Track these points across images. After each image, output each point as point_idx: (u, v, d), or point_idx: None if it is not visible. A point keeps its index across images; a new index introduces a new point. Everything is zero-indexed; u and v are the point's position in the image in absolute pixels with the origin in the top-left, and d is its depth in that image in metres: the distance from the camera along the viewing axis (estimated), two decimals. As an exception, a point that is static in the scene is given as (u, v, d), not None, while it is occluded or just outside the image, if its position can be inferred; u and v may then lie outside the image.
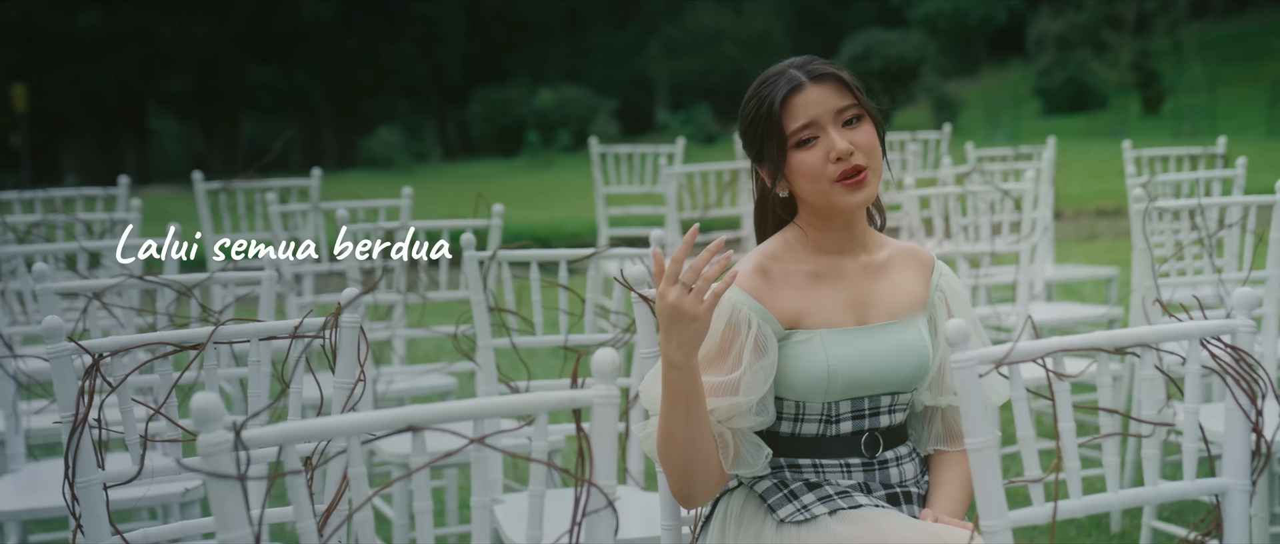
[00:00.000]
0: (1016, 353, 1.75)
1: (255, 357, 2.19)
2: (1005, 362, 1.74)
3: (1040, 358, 1.77)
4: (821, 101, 2.23)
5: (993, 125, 29.75)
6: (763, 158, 2.28)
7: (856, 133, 2.25)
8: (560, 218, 14.89)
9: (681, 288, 2.06)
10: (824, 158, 2.23)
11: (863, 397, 2.29)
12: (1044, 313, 5.26)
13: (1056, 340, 1.77)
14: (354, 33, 36.62)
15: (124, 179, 5.33)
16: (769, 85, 2.26)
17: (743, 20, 39.25)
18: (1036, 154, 6.71)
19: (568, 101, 32.48)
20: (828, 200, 2.26)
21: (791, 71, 2.26)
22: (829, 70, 2.25)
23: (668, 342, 2.09)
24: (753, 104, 2.27)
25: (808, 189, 2.26)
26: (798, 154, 2.24)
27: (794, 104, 2.23)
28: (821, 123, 2.23)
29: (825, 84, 2.24)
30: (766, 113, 2.23)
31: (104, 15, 34.19)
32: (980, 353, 1.72)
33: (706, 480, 2.20)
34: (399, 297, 3.98)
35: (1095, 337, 1.78)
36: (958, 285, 2.40)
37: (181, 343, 2.12)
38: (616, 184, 6.96)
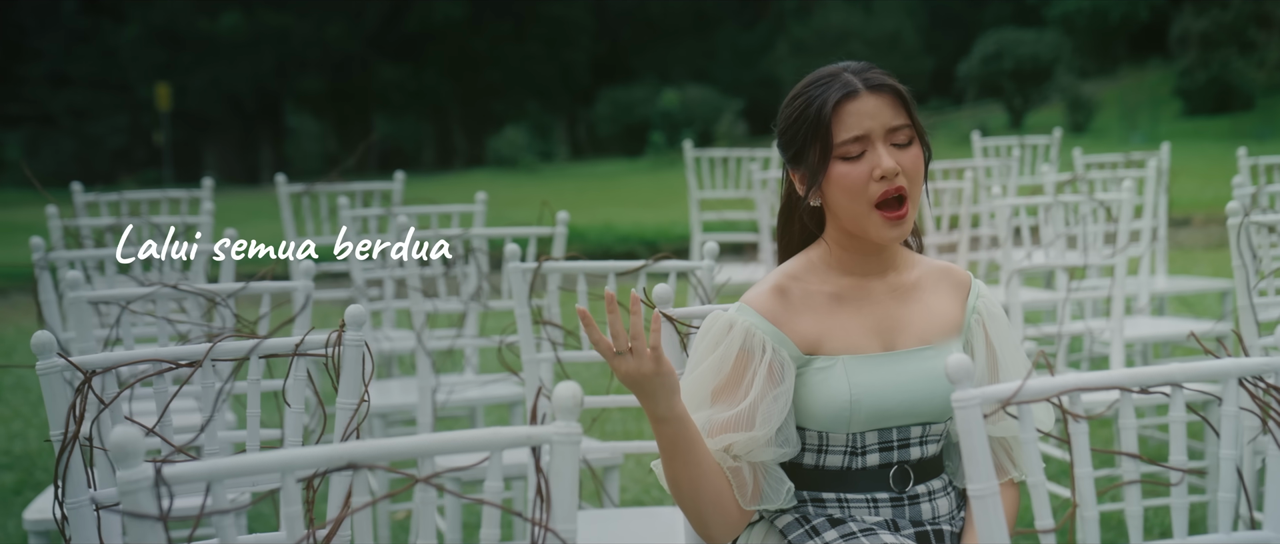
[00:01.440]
0: (1026, 392, 1.60)
1: (254, 375, 2.13)
2: (1013, 401, 1.59)
3: (1054, 397, 1.61)
4: (876, 114, 2.09)
5: (1130, 127, 28.91)
6: (801, 161, 2.15)
7: (904, 155, 2.11)
8: (674, 219, 14.78)
9: (626, 356, 1.99)
10: (867, 175, 2.09)
11: (890, 427, 2.14)
12: (1144, 328, 5.02)
13: (1072, 378, 1.61)
14: (483, 33, 36.99)
15: (207, 181, 5.36)
16: (821, 86, 2.11)
17: (872, 20, 38.77)
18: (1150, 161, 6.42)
19: (693, 101, 32.38)
20: (861, 225, 2.13)
21: (847, 76, 2.12)
22: (888, 82, 2.11)
23: (645, 403, 2.03)
24: (800, 102, 2.13)
25: (843, 206, 2.13)
26: (841, 166, 2.10)
27: (846, 111, 2.09)
28: (872, 137, 2.09)
29: (882, 96, 2.10)
30: (815, 114, 2.09)
31: (243, 17, 35.01)
32: (984, 392, 1.58)
33: (723, 520, 2.10)
34: (460, 304, 3.91)
35: (1117, 374, 1.62)
36: (996, 307, 2.25)
37: (176, 360, 2.06)
38: (711, 189, 6.84)
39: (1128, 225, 4.37)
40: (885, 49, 37.18)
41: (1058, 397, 1.60)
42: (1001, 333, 2.25)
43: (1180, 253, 10.68)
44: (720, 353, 2.13)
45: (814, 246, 2.24)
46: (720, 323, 2.15)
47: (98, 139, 36.25)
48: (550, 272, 3.10)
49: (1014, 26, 34.85)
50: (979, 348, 2.23)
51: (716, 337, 2.14)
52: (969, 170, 5.63)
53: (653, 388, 2.01)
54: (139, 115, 35.86)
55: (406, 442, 1.46)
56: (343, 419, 2.13)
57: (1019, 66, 31.45)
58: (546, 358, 3.08)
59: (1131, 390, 1.63)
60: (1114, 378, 1.61)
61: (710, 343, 2.14)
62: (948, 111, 34.46)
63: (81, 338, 2.68)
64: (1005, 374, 2.21)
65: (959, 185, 5.35)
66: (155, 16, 34.50)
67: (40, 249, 3.38)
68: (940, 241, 5.52)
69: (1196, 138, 24.50)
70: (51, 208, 4.24)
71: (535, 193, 20.17)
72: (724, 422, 2.10)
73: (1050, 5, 37.24)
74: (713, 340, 2.14)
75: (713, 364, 2.13)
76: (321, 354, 2.13)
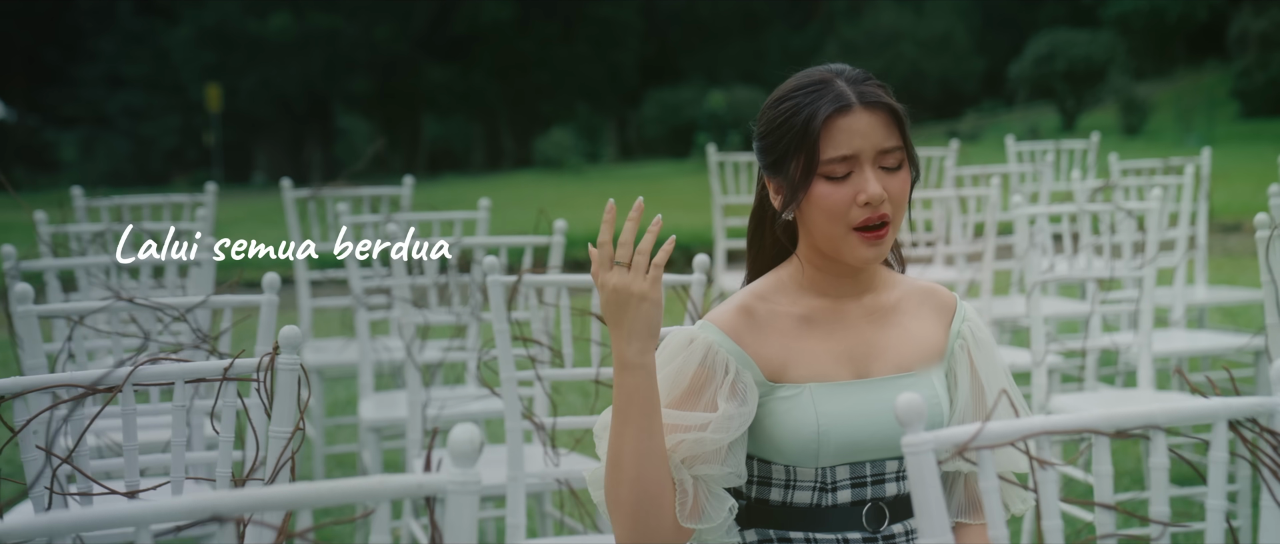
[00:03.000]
0: (985, 436, 1.43)
1: (180, 401, 1.99)
2: (970, 447, 1.42)
3: (1019, 442, 1.44)
4: (868, 134, 1.91)
5: (1185, 129, 28.40)
6: (779, 171, 1.97)
7: (892, 179, 1.93)
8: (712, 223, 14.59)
9: (620, 269, 1.81)
10: (851, 199, 1.92)
11: (863, 461, 1.98)
12: (1177, 341, 4.80)
13: (1038, 421, 1.44)
14: (531, 34, 36.98)
15: (211, 185, 5.26)
16: (812, 94, 1.93)
17: (923, 21, 38.41)
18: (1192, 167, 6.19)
19: (740, 103, 32.16)
20: (836, 247, 1.96)
21: (841, 85, 1.93)
22: (885, 100, 1.92)
23: (617, 335, 1.85)
24: (787, 108, 1.94)
25: (820, 227, 1.96)
26: (824, 185, 1.93)
27: (836, 126, 1.91)
28: (860, 159, 1.91)
29: (876, 114, 1.92)
30: (802, 125, 1.92)
31: (292, 18, 35.18)
32: (937, 436, 1.41)
33: (658, 525, 1.89)
34: (451, 315, 3.77)
35: (1089, 417, 1.45)
36: (984, 332, 2.07)
37: (94, 385, 1.93)
38: (735, 194, 6.67)
39: (1157, 235, 4.17)
40: (936, 50, 36.80)
41: (1022, 441, 1.43)
42: (988, 361, 2.07)
43: (1228, 260, 10.37)
44: (677, 365, 1.97)
45: (785, 265, 2.07)
46: (680, 336, 1.99)
47: (151, 140, 36.55)
48: (531, 285, 2.95)
49: (1068, 27, 34.38)
50: (962, 376, 2.06)
51: (674, 349, 1.99)
52: (996, 176, 5.43)
53: (634, 315, 1.84)
54: (191, 116, 36.14)
55: (276, 492, 1.31)
56: (274, 451, 1.99)
57: (1072, 68, 30.99)
58: (527, 375, 2.94)
59: (1106, 434, 1.45)
60: (1085, 421, 1.44)
61: (666, 355, 1.99)
62: (999, 113, 34.04)
63: (30, 354, 2.56)
64: (991, 406, 2.04)
65: (986, 192, 5.16)
66: (206, 18, 34.75)
67: (11, 257, 3.27)
68: (967, 250, 5.32)
69: (1254, 140, 24.01)
70: (40, 214, 4.14)
71: (580, 194, 20.06)
72: (673, 423, 1.94)
73: (1106, 5, 36.72)
74: (669, 353, 1.99)
75: (668, 376, 1.97)
76: (252, 378, 1.99)
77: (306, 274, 5.13)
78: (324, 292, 5.75)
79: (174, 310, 2.65)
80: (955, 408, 2.05)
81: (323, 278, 5.17)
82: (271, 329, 2.68)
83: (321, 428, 4.97)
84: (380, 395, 4.35)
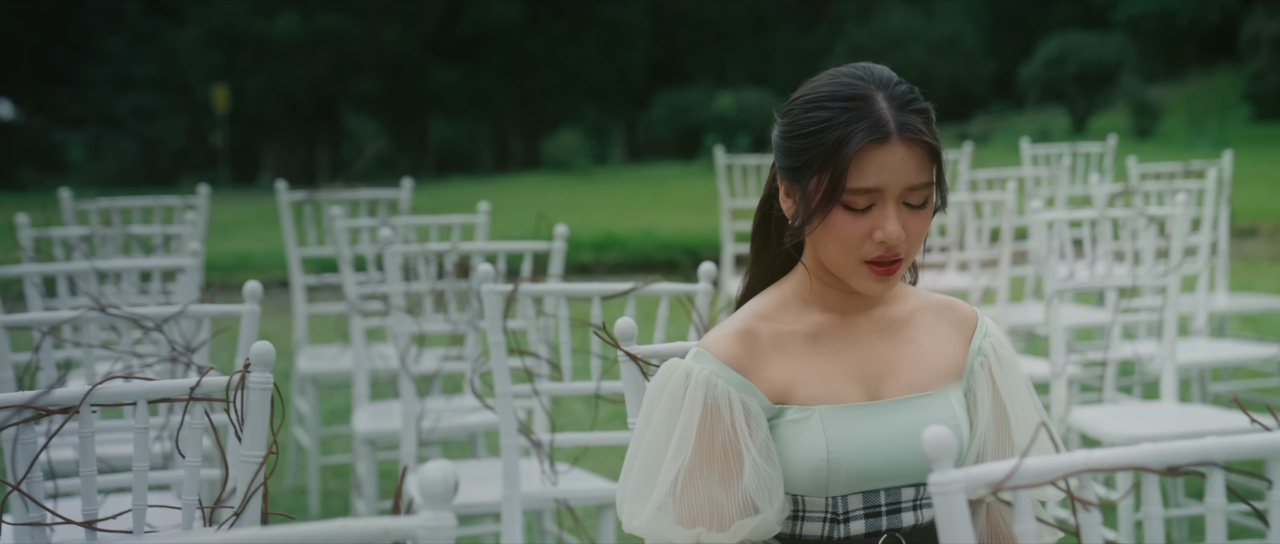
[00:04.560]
0: (1022, 473, 1.27)
1: (141, 422, 1.84)
2: (1005, 486, 1.27)
3: (1060, 480, 1.29)
4: (900, 170, 1.75)
5: (1197, 131, 28.21)
6: (797, 180, 1.81)
7: (914, 218, 1.77)
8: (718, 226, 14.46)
9: None
10: (866, 233, 1.76)
11: (877, 489, 1.82)
12: (1200, 351, 4.64)
13: (1081, 457, 1.29)
14: (539, 35, 36.88)
15: (204, 188, 5.11)
16: (849, 112, 1.75)
17: (933, 22, 38.25)
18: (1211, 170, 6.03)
19: (749, 105, 32.03)
20: (843, 273, 1.81)
21: (882, 108, 1.75)
22: (924, 138, 1.76)
23: None
24: (820, 119, 1.77)
25: (830, 252, 1.80)
26: (841, 214, 1.77)
27: (868, 156, 1.74)
28: (885, 194, 1.76)
29: (913, 148, 1.76)
30: (832, 147, 1.75)
31: (299, 19, 35.10)
32: (968, 474, 1.26)
33: None
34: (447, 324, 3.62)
35: (1139, 451, 1.30)
36: (1007, 349, 1.92)
37: (48, 406, 1.78)
38: (743, 197, 6.51)
39: (1182, 242, 4.01)
40: (946, 52, 36.59)
41: (1063, 479, 1.28)
42: (1012, 381, 1.92)
43: (1245, 266, 10.19)
44: (683, 419, 1.80)
45: (788, 279, 1.92)
46: (676, 377, 1.83)
47: (159, 141, 36.48)
48: (528, 295, 2.80)
49: (1078, 29, 34.19)
50: (983, 397, 1.91)
51: (673, 395, 1.82)
52: (1012, 180, 5.27)
53: None
54: (198, 117, 36.08)
55: (228, 537, 1.16)
56: (245, 476, 1.84)
57: (1082, 70, 30.78)
58: (522, 391, 2.79)
59: (1156, 471, 1.30)
60: (1133, 457, 1.29)
61: (667, 401, 1.83)
62: (1009, 116, 33.84)
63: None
64: (1018, 432, 1.89)
65: (1001, 196, 5.00)
66: (214, 18, 34.68)
67: (-15, 264, 3.13)
68: (982, 256, 5.17)
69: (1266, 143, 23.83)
70: (21, 216, 4.00)
71: (587, 196, 19.92)
72: (717, 508, 1.78)
73: (1116, 8, 36.52)
74: (669, 400, 1.82)
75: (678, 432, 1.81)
76: (221, 398, 1.84)
77: (302, 279, 4.99)
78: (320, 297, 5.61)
79: (150, 321, 2.51)
80: (975, 431, 1.90)
81: (318, 283, 5.03)
82: (252, 341, 2.53)
83: (316, 437, 4.82)
84: (375, 405, 4.21)
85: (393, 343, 4.58)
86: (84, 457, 1.80)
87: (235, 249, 11.87)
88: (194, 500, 1.83)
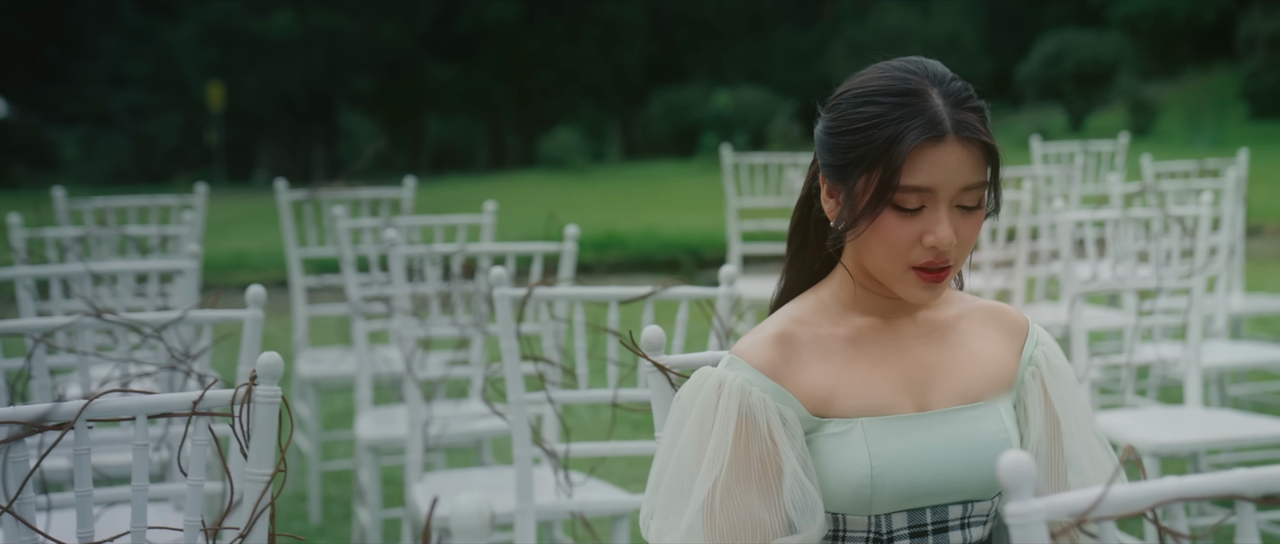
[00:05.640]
0: (1109, 503, 1.17)
1: (140, 438, 1.73)
2: (1090, 517, 1.16)
3: (1149, 510, 1.18)
4: (955, 170, 1.65)
5: (1194, 130, 28.15)
6: (842, 179, 1.69)
7: (966, 221, 1.66)
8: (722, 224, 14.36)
9: None
10: (916, 238, 1.65)
11: (923, 507, 1.71)
12: (1220, 354, 4.54)
13: (1170, 484, 1.18)
14: (536, 33, 36.81)
15: (201, 187, 5.00)
16: (903, 108, 1.65)
17: (930, 21, 38.21)
18: (1226, 169, 5.93)
19: (746, 103, 31.96)
20: (888, 280, 1.70)
21: (937, 105, 1.65)
22: (981, 137, 1.66)
23: None
24: (871, 115, 1.66)
25: (876, 257, 1.69)
26: (891, 215, 1.66)
27: (922, 155, 1.64)
28: (938, 194, 1.65)
29: (969, 148, 1.65)
30: (884, 144, 1.64)
31: (295, 16, 34.99)
32: (1049, 504, 1.15)
33: None
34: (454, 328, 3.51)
35: (1233, 478, 1.19)
36: (1060, 359, 1.81)
37: (42, 421, 1.67)
38: (750, 196, 6.41)
39: (1206, 242, 3.91)
40: (943, 50, 36.50)
41: (1153, 509, 1.17)
42: (1067, 393, 1.81)
43: (1253, 266, 10.10)
44: (717, 431, 1.69)
45: (826, 283, 1.81)
46: (708, 386, 1.72)
47: (153, 139, 36.34)
48: (542, 298, 2.69)
49: (1075, 28, 34.14)
50: (1035, 410, 1.80)
51: (705, 406, 1.70)
52: (1027, 179, 5.17)
53: None
54: (193, 115, 35.96)
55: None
56: (252, 495, 1.73)
57: (1080, 69, 30.71)
58: (535, 399, 2.68)
59: (1251, 499, 1.19)
60: (1227, 484, 1.18)
61: (698, 416, 1.71)
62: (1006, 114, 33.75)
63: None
64: (1072, 447, 1.78)
65: (1017, 196, 4.90)
66: (209, 15, 34.56)
67: (-25, 266, 3.01)
68: (996, 257, 5.06)
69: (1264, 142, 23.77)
70: (14, 216, 3.88)
71: (586, 195, 19.82)
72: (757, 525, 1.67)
73: (1113, 7, 36.46)
74: (701, 412, 1.71)
75: (707, 445, 1.70)
76: (225, 413, 1.73)
77: (302, 280, 4.87)
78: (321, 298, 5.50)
79: (148, 327, 2.39)
80: (1026, 446, 1.80)
81: (319, 284, 4.91)
82: (256, 349, 2.42)
83: (317, 442, 4.71)
84: (378, 410, 4.10)
85: (397, 346, 4.47)
86: (79, 475, 1.69)
87: (231, 248, 11.75)
88: (196, 522, 1.72)
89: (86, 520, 1.69)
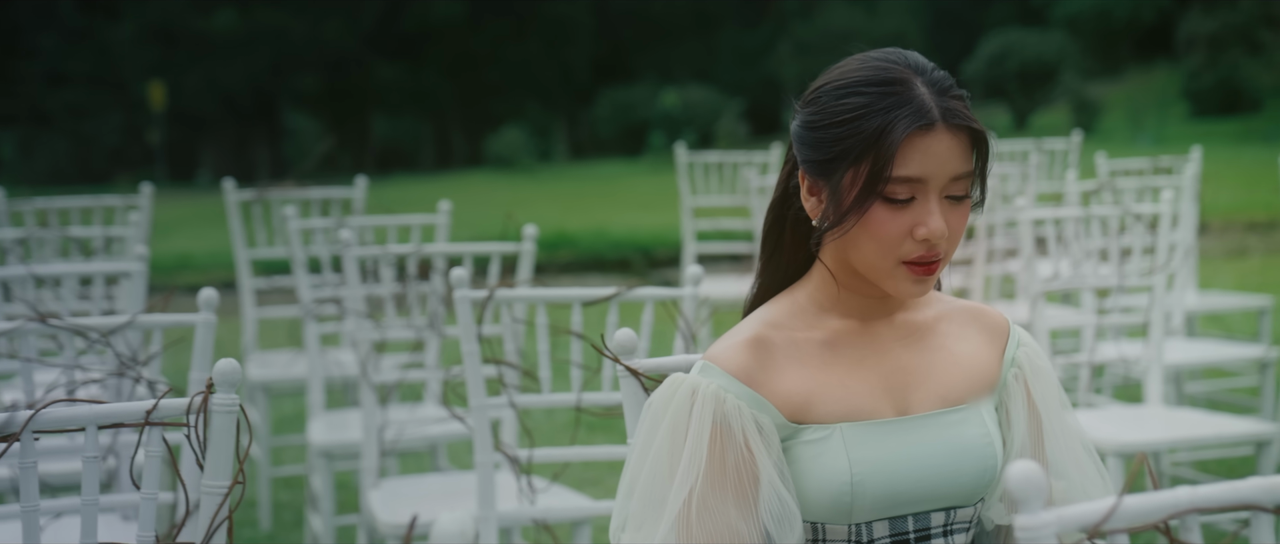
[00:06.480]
0: (1122, 514, 1.11)
1: (90, 450, 1.65)
2: (1102, 531, 1.11)
3: (1161, 522, 1.13)
4: (945, 158, 1.59)
5: (1136, 128, 28.47)
6: (826, 175, 1.62)
7: (955, 212, 1.61)
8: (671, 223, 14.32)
9: None
10: (907, 230, 1.59)
11: (905, 515, 1.66)
12: (1183, 352, 4.54)
13: (1184, 494, 1.13)
14: (482, 32, 36.67)
15: (146, 187, 4.88)
16: (888, 98, 1.59)
17: (876, 20, 38.43)
18: (1178, 166, 5.95)
19: (694, 102, 31.99)
20: (877, 277, 1.63)
21: (923, 93, 1.59)
22: (970, 124, 1.60)
23: None
24: (855, 106, 1.60)
25: (865, 253, 1.63)
26: (881, 209, 1.59)
27: (913, 145, 1.58)
28: (928, 185, 1.59)
29: (957, 136, 1.60)
30: (874, 135, 1.58)
31: (238, 15, 34.66)
32: (1059, 517, 1.10)
33: None
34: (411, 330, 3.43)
35: (1248, 488, 1.14)
36: (1042, 361, 1.76)
37: (-16, 433, 1.58)
38: (705, 195, 6.35)
39: (1167, 239, 3.90)
40: (888, 49, 36.68)
41: (1165, 521, 1.12)
42: (1050, 395, 1.77)
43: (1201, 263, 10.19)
44: (691, 440, 1.63)
45: (801, 285, 1.75)
46: (681, 393, 1.65)
47: (93, 138, 35.85)
48: (503, 300, 2.62)
49: (1019, 27, 34.44)
50: (1017, 413, 1.75)
51: (678, 414, 1.64)
52: (986, 177, 5.14)
53: None
54: (134, 114, 35.51)
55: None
56: (208, 508, 1.65)
57: (1024, 68, 30.97)
58: (498, 404, 2.61)
59: (1266, 509, 1.15)
60: (1243, 493, 1.13)
61: (671, 424, 1.65)
62: (952, 113, 33.92)
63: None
64: (1055, 451, 1.74)
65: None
66: (150, 14, 34.15)
67: (-89, 270, 2.90)
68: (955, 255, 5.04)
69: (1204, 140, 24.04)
70: (-48, 219, 3.76)
71: (532, 194, 19.74)
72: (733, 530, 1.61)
73: (1055, 6, 36.78)
74: (674, 420, 1.64)
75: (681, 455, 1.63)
76: (180, 423, 1.64)
77: (251, 282, 4.77)
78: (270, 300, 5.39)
79: (95, 332, 2.30)
80: (1010, 450, 1.75)
81: (268, 286, 4.81)
82: (208, 354, 2.33)
83: (268, 447, 4.61)
84: (331, 415, 4.01)
85: (351, 349, 4.38)
86: (25, 490, 1.60)
87: (175, 250, 11.57)
88: (150, 537, 1.64)
89: (32, 532, 1.61)
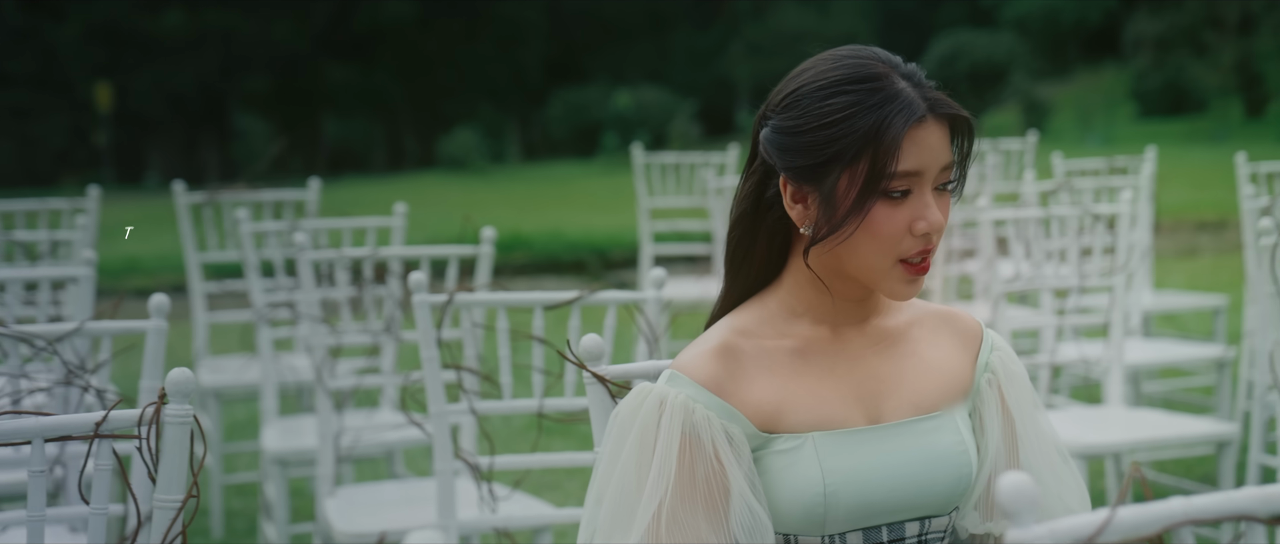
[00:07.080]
0: (1116, 527, 1.08)
1: (37, 464, 1.58)
2: (1099, 542, 1.07)
3: (1155, 534, 1.10)
4: (938, 150, 1.56)
5: (1085, 128, 28.73)
6: (815, 180, 1.57)
7: (943, 202, 1.58)
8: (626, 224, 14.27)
9: None
10: (906, 226, 1.55)
11: (879, 526, 1.62)
12: (1141, 352, 4.55)
13: (1178, 506, 1.10)
14: (433, 32, 36.50)
15: (94, 189, 4.79)
16: (878, 95, 1.54)
17: (828, 21, 38.61)
18: (1133, 166, 5.97)
19: (647, 103, 31.98)
20: (873, 279, 1.59)
21: (904, 86, 1.55)
22: (958, 111, 1.56)
23: None
24: (842, 106, 1.55)
25: (864, 254, 1.58)
26: (882, 207, 1.55)
27: (910, 138, 1.54)
28: (924, 178, 1.55)
29: (943, 125, 1.56)
30: (871, 132, 1.53)
31: (186, 15, 34.33)
32: (1052, 530, 1.06)
33: None
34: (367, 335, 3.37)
35: (1243, 499, 1.11)
36: (1016, 365, 1.73)
37: (-75, 448, 1.51)
38: (661, 196, 6.32)
39: (1127, 239, 3.90)
40: (840, 50, 36.83)
41: (1161, 534, 1.09)
42: (1025, 400, 1.74)
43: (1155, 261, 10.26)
44: (660, 452, 1.58)
45: (769, 292, 1.70)
46: (648, 404, 1.60)
47: (38, 140, 35.38)
48: (464, 305, 2.57)
49: (968, 28, 34.69)
50: (991, 419, 1.72)
51: (646, 425, 1.59)
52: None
53: None
54: (80, 116, 35.08)
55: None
56: (161, 523, 1.59)
57: (975, 69, 31.20)
58: (458, 409, 2.55)
59: (1261, 520, 1.12)
60: (1238, 504, 1.10)
61: (639, 436, 1.60)
62: (903, 113, 34.10)
63: None
64: (1030, 458, 1.71)
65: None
66: (95, 14, 33.75)
67: None
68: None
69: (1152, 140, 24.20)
70: (-109, 223, 3.66)
71: (485, 195, 19.63)
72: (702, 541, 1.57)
73: (1003, 8, 37.07)
74: (642, 432, 1.59)
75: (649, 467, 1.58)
76: (131, 435, 1.58)
77: (202, 286, 4.68)
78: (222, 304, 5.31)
79: (41, 339, 2.23)
80: (984, 457, 1.72)
81: (220, 290, 4.72)
82: (160, 362, 2.27)
83: (220, 454, 4.53)
84: (284, 421, 3.94)
85: (305, 354, 4.30)
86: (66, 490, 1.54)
87: (123, 253, 11.40)
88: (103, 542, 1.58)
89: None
